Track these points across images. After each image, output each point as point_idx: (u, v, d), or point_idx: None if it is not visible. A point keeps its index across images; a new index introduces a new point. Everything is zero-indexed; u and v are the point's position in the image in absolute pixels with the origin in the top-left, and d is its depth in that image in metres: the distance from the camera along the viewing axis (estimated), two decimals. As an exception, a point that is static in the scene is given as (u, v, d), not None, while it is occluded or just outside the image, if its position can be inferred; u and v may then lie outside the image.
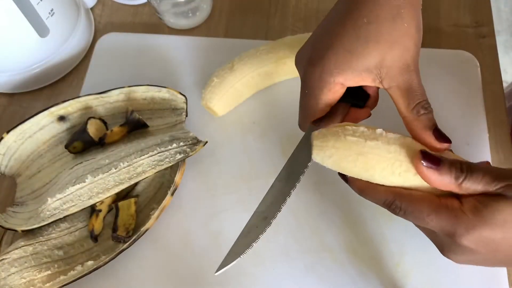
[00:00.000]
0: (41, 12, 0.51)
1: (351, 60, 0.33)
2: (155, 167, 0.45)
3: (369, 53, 0.33)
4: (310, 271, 0.44)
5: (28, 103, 0.56)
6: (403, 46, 0.33)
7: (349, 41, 0.33)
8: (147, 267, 0.45)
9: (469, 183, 0.30)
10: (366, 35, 0.33)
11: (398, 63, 0.33)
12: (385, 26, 0.33)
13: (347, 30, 0.34)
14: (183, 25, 0.60)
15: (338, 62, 0.34)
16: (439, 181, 0.31)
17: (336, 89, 0.35)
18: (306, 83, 0.36)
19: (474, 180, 0.30)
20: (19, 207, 0.46)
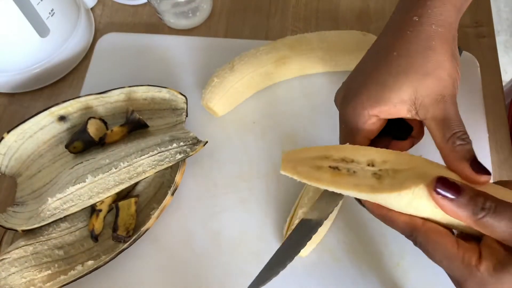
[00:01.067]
0: (41, 12, 0.51)
1: (383, 92, 0.33)
2: (155, 167, 0.45)
3: (401, 85, 0.33)
4: (310, 271, 0.44)
5: (29, 103, 0.56)
6: (435, 77, 0.33)
7: (381, 75, 0.34)
8: (147, 267, 0.45)
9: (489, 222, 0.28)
10: (397, 68, 0.33)
11: (432, 94, 0.33)
12: (415, 58, 0.33)
13: (378, 66, 0.34)
14: (183, 25, 0.60)
15: (370, 95, 0.34)
16: (455, 214, 0.29)
17: (372, 121, 0.35)
18: (343, 119, 0.36)
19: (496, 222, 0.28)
20: (20, 207, 0.46)
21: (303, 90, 0.54)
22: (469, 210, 0.28)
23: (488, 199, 0.28)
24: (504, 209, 0.28)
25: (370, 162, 0.32)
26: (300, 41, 0.51)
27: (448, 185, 0.29)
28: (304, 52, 0.51)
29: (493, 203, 0.28)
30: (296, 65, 0.52)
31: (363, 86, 0.35)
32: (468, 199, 0.29)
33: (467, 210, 0.29)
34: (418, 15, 0.34)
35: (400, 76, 0.33)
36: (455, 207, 0.29)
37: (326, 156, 0.33)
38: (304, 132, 0.51)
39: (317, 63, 0.52)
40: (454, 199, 0.29)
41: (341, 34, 0.53)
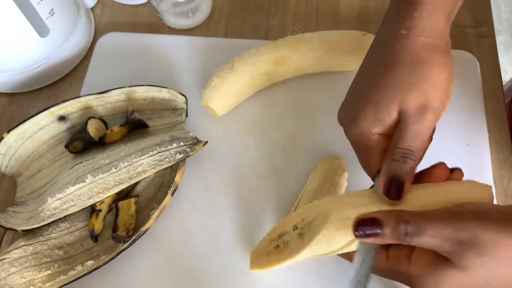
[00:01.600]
0: (41, 12, 0.51)
1: (376, 112, 0.34)
2: (155, 167, 0.45)
3: (389, 102, 0.33)
4: (310, 271, 0.44)
5: (28, 103, 0.56)
6: (419, 89, 0.33)
7: (374, 94, 0.34)
8: (147, 267, 0.45)
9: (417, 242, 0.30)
10: (385, 85, 0.33)
11: (414, 107, 0.33)
12: (401, 71, 0.33)
13: (371, 83, 0.35)
14: (183, 25, 0.60)
15: (366, 117, 0.34)
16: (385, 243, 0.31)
17: (377, 138, 0.35)
18: (353, 142, 0.37)
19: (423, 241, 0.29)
20: (19, 207, 0.46)
21: (303, 90, 0.53)
22: (395, 237, 0.30)
23: (409, 224, 0.30)
24: (427, 227, 0.29)
25: (294, 227, 0.35)
26: (300, 41, 0.51)
27: (368, 223, 0.31)
28: (304, 52, 0.51)
29: (414, 226, 0.29)
30: (296, 65, 0.52)
31: (360, 108, 0.35)
32: (391, 230, 0.30)
33: (393, 238, 0.30)
34: (405, 28, 0.34)
35: (389, 92, 0.33)
36: (382, 240, 0.30)
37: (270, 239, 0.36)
38: (304, 132, 0.51)
39: (317, 63, 0.52)
40: (379, 234, 0.30)
41: (341, 34, 0.53)
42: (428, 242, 0.29)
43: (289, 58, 0.51)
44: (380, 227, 0.30)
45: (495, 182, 0.48)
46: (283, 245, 0.35)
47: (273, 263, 0.35)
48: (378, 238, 0.30)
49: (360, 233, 0.30)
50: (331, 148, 0.50)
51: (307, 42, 0.51)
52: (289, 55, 0.51)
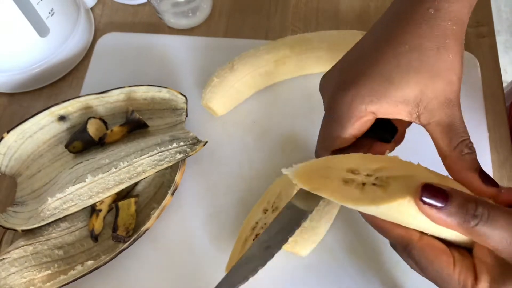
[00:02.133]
0: (41, 11, 0.51)
1: (388, 89, 0.30)
2: (155, 167, 0.45)
3: (409, 83, 0.30)
4: (310, 271, 0.44)
5: (28, 103, 0.56)
6: (446, 79, 0.30)
7: (388, 68, 0.30)
8: (147, 267, 0.45)
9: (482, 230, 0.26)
10: (407, 63, 0.30)
11: (440, 97, 0.30)
12: (428, 56, 0.30)
13: (386, 56, 0.31)
14: (183, 25, 0.60)
15: (373, 89, 0.30)
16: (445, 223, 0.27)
17: (367, 119, 0.32)
18: (333, 109, 0.32)
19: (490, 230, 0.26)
20: (19, 207, 0.46)
21: (303, 90, 0.53)
22: (460, 218, 0.26)
23: (480, 205, 0.26)
24: (498, 215, 0.26)
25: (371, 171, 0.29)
26: (300, 41, 0.51)
27: (434, 192, 0.27)
28: (304, 52, 0.51)
29: (485, 209, 0.26)
30: (296, 65, 0.52)
31: (365, 76, 0.31)
32: (458, 206, 0.26)
33: (457, 218, 0.26)
34: (434, 8, 0.31)
35: (410, 73, 0.30)
36: (445, 216, 0.27)
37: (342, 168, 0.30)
38: (304, 132, 0.51)
39: (317, 63, 0.52)
40: (442, 208, 0.26)
41: (341, 34, 0.53)
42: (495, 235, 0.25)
43: (289, 58, 0.51)
44: (446, 201, 0.26)
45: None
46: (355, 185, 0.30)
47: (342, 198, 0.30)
48: (439, 213, 0.26)
49: (424, 199, 0.26)
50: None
51: (307, 42, 0.51)
52: (289, 55, 0.51)
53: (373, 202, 0.28)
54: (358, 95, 0.31)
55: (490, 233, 0.26)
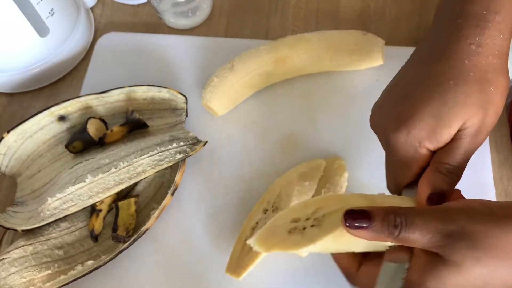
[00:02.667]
0: (41, 11, 0.51)
1: (438, 127, 0.32)
2: (155, 167, 0.45)
3: (455, 118, 0.32)
4: (310, 271, 0.44)
5: (28, 103, 0.56)
6: (486, 112, 0.32)
7: (436, 106, 0.32)
8: (147, 267, 0.45)
9: (406, 236, 0.29)
10: (454, 98, 0.32)
11: (475, 127, 0.32)
12: (473, 90, 0.32)
13: (432, 94, 0.33)
14: (183, 25, 0.60)
15: (424, 129, 0.33)
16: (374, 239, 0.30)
17: (425, 153, 0.34)
18: (394, 150, 0.35)
19: (411, 234, 0.28)
20: (19, 207, 0.46)
21: (303, 90, 0.53)
22: (385, 231, 0.29)
23: (397, 215, 0.29)
24: (414, 219, 0.29)
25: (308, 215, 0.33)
26: (300, 41, 0.51)
27: (356, 215, 0.30)
28: (304, 52, 0.51)
29: (402, 217, 0.29)
30: (296, 65, 0.52)
31: (416, 117, 0.33)
32: (381, 221, 0.29)
33: (383, 232, 0.29)
34: (476, 44, 0.32)
35: (456, 108, 0.32)
36: (373, 233, 0.29)
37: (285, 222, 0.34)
38: (304, 132, 0.51)
39: (317, 63, 0.52)
40: (368, 227, 0.29)
41: (341, 34, 0.53)
42: (417, 237, 0.28)
43: (289, 58, 0.51)
44: (370, 220, 0.29)
45: (495, 182, 0.48)
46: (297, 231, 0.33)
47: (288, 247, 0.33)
48: (367, 231, 0.29)
49: (349, 224, 0.30)
50: (331, 148, 0.50)
51: (307, 42, 0.51)
52: (289, 55, 0.51)
53: (310, 242, 0.31)
54: (411, 135, 0.33)
55: (413, 237, 0.28)
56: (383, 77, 0.53)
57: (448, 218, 0.28)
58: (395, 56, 0.54)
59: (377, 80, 0.53)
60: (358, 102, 0.53)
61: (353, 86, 0.53)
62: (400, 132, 0.33)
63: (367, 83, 0.53)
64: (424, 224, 0.28)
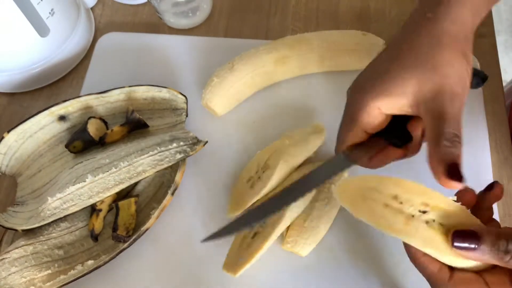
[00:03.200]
0: (41, 11, 0.51)
1: (387, 84, 0.34)
2: (155, 167, 0.45)
3: (406, 77, 0.33)
4: (310, 271, 0.44)
5: (28, 103, 0.56)
6: (442, 73, 0.33)
7: (389, 68, 0.34)
8: (147, 267, 0.45)
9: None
10: (405, 61, 0.34)
11: (434, 88, 0.32)
12: (424, 53, 0.33)
13: (389, 59, 0.35)
14: (183, 24, 0.60)
15: (375, 86, 0.34)
16: (481, 260, 0.30)
17: (374, 114, 0.35)
18: (347, 107, 0.37)
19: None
20: (20, 207, 0.46)
21: (303, 90, 0.54)
22: (494, 255, 0.29)
23: (511, 241, 0.29)
24: None
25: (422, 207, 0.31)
26: (300, 41, 0.51)
27: (466, 236, 0.30)
28: (304, 52, 0.51)
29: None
30: (296, 65, 0.52)
31: (370, 78, 0.35)
32: (490, 245, 0.29)
33: (492, 255, 0.29)
34: (432, 12, 0.34)
35: (408, 69, 0.33)
36: (480, 255, 0.29)
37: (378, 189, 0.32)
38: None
39: (317, 63, 0.52)
40: (476, 248, 0.29)
41: (341, 34, 0.53)
42: None
43: (289, 58, 0.51)
44: (478, 242, 0.29)
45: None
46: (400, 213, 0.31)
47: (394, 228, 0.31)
48: (474, 253, 0.29)
49: (457, 244, 0.30)
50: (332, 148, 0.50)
51: (307, 42, 0.51)
52: (289, 55, 0.51)
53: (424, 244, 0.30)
54: (363, 93, 0.35)
55: None
56: (383, 77, 0.54)
57: None
58: (395, 56, 0.54)
59: (377, 80, 0.53)
60: (358, 102, 0.53)
61: (353, 86, 0.53)
62: (355, 92, 0.36)
63: (367, 83, 0.53)
64: None
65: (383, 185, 0.31)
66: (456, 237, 0.30)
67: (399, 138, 0.37)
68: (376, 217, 0.31)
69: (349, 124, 0.36)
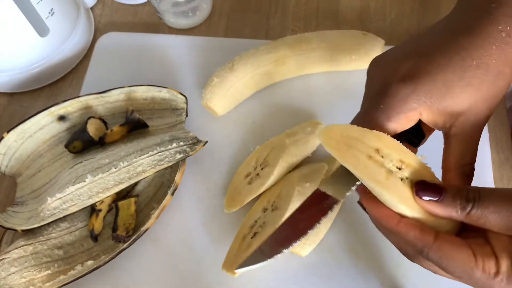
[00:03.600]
0: (41, 11, 0.51)
1: (445, 97, 0.31)
2: (155, 167, 0.45)
3: (464, 97, 0.31)
4: (310, 271, 0.44)
5: (28, 103, 0.56)
6: (490, 103, 0.31)
7: (452, 77, 0.31)
8: (147, 266, 0.45)
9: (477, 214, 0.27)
10: (470, 78, 0.31)
11: (478, 117, 0.31)
12: (489, 77, 0.31)
13: (452, 65, 0.31)
14: (183, 24, 0.60)
15: (431, 92, 0.31)
16: (444, 214, 0.29)
17: (412, 119, 0.32)
18: (385, 98, 0.32)
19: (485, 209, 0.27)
20: (19, 207, 0.46)
21: (303, 90, 0.53)
22: (457, 206, 0.28)
23: (471, 190, 0.28)
24: (487, 195, 0.28)
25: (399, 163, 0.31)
26: (300, 41, 0.51)
27: (429, 187, 0.29)
28: (304, 52, 0.51)
29: (476, 192, 0.28)
30: (296, 65, 0.52)
31: (428, 76, 0.31)
32: (452, 195, 0.29)
33: (454, 206, 0.28)
34: (506, 32, 0.31)
35: (469, 89, 0.31)
36: (443, 207, 0.29)
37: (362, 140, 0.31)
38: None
39: (317, 63, 0.52)
40: (438, 200, 0.29)
41: (341, 34, 0.53)
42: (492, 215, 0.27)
43: (289, 58, 0.51)
44: (441, 193, 0.29)
45: (495, 182, 0.48)
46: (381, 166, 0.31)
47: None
48: (438, 205, 0.29)
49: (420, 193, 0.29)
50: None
51: (307, 42, 0.51)
52: (289, 55, 0.51)
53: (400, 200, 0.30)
54: (415, 93, 0.31)
55: (486, 214, 0.27)
56: (383, 77, 0.54)
57: None
58: (395, 56, 0.54)
59: (377, 80, 0.53)
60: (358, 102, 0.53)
61: (353, 86, 0.53)
62: (405, 85, 0.31)
63: (367, 83, 0.53)
64: (500, 202, 0.27)
65: (366, 137, 0.31)
66: (420, 187, 0.29)
67: (417, 137, 0.36)
68: (361, 167, 0.30)
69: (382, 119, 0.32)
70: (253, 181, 0.45)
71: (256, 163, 0.46)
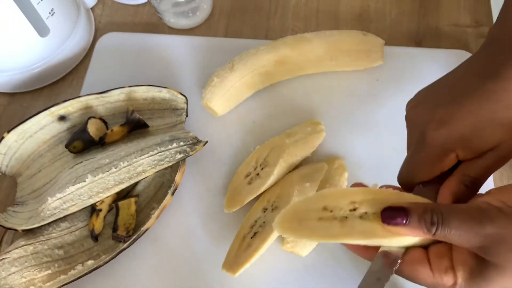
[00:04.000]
0: (41, 11, 0.51)
1: (473, 139, 0.33)
2: (155, 167, 0.45)
3: (495, 138, 0.33)
4: (310, 271, 0.44)
5: (29, 103, 0.56)
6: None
7: (483, 120, 0.33)
8: (147, 267, 0.45)
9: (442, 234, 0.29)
10: (501, 120, 0.33)
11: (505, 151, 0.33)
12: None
13: (481, 108, 0.33)
14: (183, 25, 0.60)
15: (465, 136, 0.33)
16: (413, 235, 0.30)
17: (452, 159, 0.34)
18: (426, 147, 0.35)
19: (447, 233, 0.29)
20: (20, 207, 0.46)
21: (303, 90, 0.54)
22: (423, 228, 0.29)
23: (434, 213, 0.29)
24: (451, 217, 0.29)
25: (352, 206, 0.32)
26: (300, 41, 0.51)
27: (394, 212, 0.30)
28: (304, 52, 0.51)
29: (439, 215, 0.29)
30: (296, 65, 0.52)
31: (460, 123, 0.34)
32: (418, 218, 0.30)
33: (421, 229, 0.29)
34: None
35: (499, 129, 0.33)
36: (410, 230, 0.30)
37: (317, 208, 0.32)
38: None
39: (317, 63, 0.52)
40: (405, 224, 0.30)
41: (341, 34, 0.53)
42: (454, 235, 0.29)
43: (289, 58, 0.51)
44: (407, 217, 0.30)
45: (495, 181, 0.48)
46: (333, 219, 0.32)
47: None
48: (405, 228, 0.30)
49: (387, 220, 0.30)
50: (331, 148, 0.50)
51: (307, 42, 0.51)
52: (289, 55, 0.51)
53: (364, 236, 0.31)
54: (451, 138, 0.34)
55: (449, 235, 0.29)
56: (383, 77, 0.54)
57: (485, 219, 0.28)
58: (395, 56, 0.54)
59: (377, 80, 0.53)
60: (358, 102, 0.53)
61: (353, 86, 0.53)
62: (440, 132, 0.34)
63: (367, 83, 0.53)
64: (460, 224, 0.29)
65: (310, 202, 0.32)
66: (386, 214, 0.30)
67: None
68: (315, 233, 0.31)
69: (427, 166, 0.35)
70: (253, 181, 0.45)
71: (256, 163, 0.47)
